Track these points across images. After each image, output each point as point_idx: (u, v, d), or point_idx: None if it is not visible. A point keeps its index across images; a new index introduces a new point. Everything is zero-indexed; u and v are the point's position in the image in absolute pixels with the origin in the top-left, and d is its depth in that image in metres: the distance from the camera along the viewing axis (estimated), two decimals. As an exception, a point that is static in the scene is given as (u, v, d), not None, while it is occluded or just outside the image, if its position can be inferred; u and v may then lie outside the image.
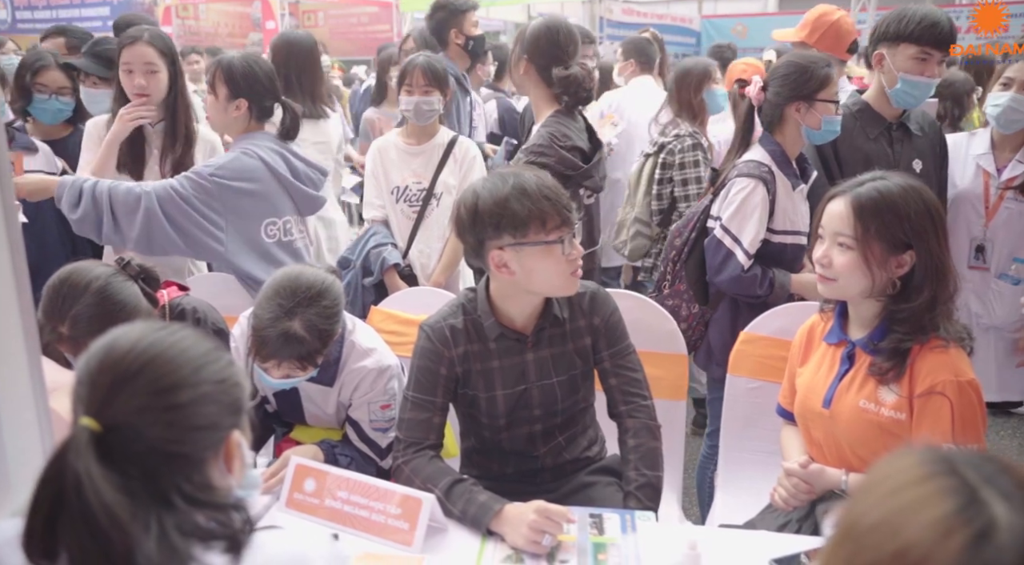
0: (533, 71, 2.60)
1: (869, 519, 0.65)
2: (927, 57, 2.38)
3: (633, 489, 1.80)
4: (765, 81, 2.33)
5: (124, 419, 0.88)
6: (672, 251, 2.44)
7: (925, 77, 2.39)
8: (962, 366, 1.60)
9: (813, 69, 2.25)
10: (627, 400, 1.89)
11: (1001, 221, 2.59)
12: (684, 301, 2.42)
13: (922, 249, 1.59)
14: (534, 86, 2.63)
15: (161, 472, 0.89)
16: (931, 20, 2.37)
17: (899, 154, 2.46)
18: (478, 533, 1.62)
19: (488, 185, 1.70)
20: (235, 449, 0.98)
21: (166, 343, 0.93)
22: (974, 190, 2.60)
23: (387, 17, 12.00)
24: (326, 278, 1.81)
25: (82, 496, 0.83)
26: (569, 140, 2.51)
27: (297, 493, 1.69)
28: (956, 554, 0.58)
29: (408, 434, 1.79)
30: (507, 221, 1.65)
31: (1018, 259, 2.61)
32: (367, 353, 1.96)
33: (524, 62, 2.61)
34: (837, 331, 1.77)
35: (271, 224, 2.53)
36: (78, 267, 1.78)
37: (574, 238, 1.71)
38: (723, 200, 2.30)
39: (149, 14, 10.45)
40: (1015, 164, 2.56)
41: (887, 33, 2.44)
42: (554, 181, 1.73)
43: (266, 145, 2.53)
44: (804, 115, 2.26)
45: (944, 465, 0.65)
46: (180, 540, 0.87)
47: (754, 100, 2.33)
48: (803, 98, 2.25)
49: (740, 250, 2.24)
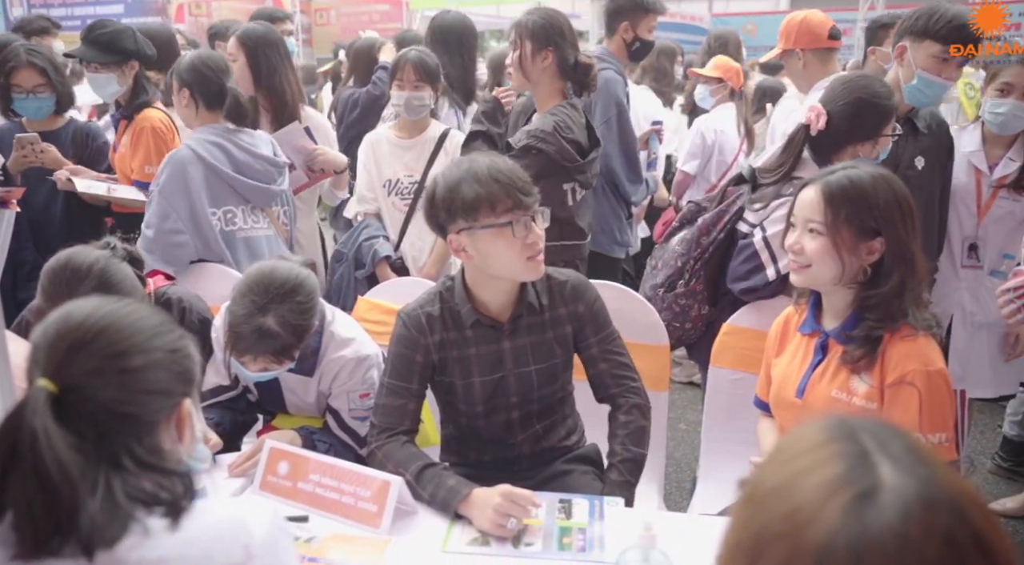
0: (556, 61, 2.56)
1: (767, 484, 0.65)
2: (949, 58, 2.33)
3: (616, 462, 1.82)
4: (828, 111, 2.14)
5: (79, 380, 0.92)
6: (697, 249, 2.33)
7: (943, 78, 2.35)
8: (931, 355, 1.60)
9: (883, 106, 2.12)
10: (618, 382, 1.90)
11: (993, 219, 2.56)
12: (697, 302, 2.36)
13: (891, 235, 1.60)
14: (550, 78, 2.59)
15: (113, 432, 0.93)
16: (960, 21, 2.32)
17: (902, 149, 2.42)
18: (446, 517, 1.63)
19: (446, 172, 1.74)
20: (186, 417, 1.02)
21: (121, 313, 0.99)
22: (966, 188, 2.57)
23: (398, 15, 12.03)
24: (300, 272, 1.83)
25: (37, 451, 0.87)
26: (572, 132, 2.51)
27: (271, 476, 1.71)
28: (839, 512, 0.59)
29: (382, 419, 1.81)
30: (458, 205, 1.68)
31: (1008, 255, 2.59)
32: (346, 343, 1.97)
33: (550, 52, 2.55)
34: (811, 322, 1.77)
35: (212, 213, 2.63)
36: (76, 252, 1.83)
37: (532, 222, 1.71)
38: (772, 214, 2.17)
39: (162, 12, 10.56)
40: (1007, 161, 2.53)
41: (915, 27, 2.37)
42: (510, 164, 1.74)
43: (207, 137, 2.64)
44: (867, 151, 2.15)
45: (842, 431, 0.65)
46: (125, 502, 0.90)
47: (813, 129, 2.15)
48: (870, 138, 2.13)
49: (773, 267, 2.17)
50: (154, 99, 3.13)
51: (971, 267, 2.59)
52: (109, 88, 3.07)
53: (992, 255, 2.59)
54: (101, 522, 0.87)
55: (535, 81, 2.61)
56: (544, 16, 2.59)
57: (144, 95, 3.09)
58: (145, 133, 3.00)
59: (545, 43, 2.56)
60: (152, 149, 2.99)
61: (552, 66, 2.57)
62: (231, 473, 1.78)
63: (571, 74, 2.58)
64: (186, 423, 1.02)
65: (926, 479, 0.60)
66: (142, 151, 3.00)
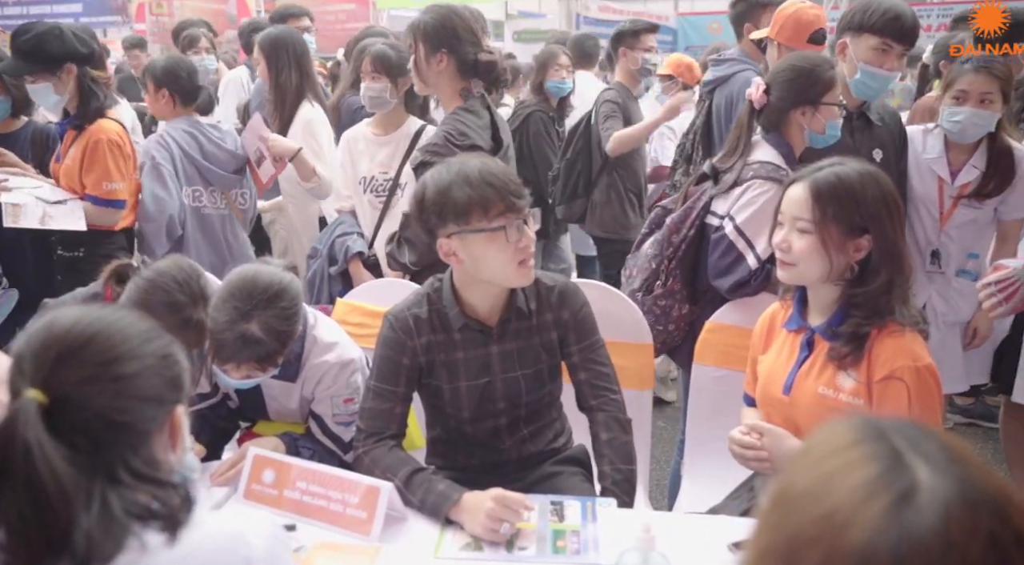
0: (452, 63, 2.43)
1: (798, 486, 0.64)
2: (888, 49, 2.38)
3: (609, 485, 1.80)
4: (767, 84, 2.25)
5: (70, 390, 0.89)
6: (669, 248, 2.33)
7: (885, 69, 2.39)
8: (919, 351, 1.61)
9: (818, 72, 2.19)
10: (597, 394, 1.88)
11: (955, 225, 2.58)
12: (677, 301, 2.35)
13: (878, 233, 1.60)
14: (449, 80, 2.46)
15: (107, 443, 0.89)
16: (895, 13, 2.37)
17: (859, 143, 2.46)
18: (437, 522, 1.61)
19: (434, 174, 1.70)
20: (179, 426, 0.99)
21: (109, 319, 0.95)
22: (929, 195, 2.59)
23: (364, 14, 11.94)
24: (283, 277, 1.78)
25: (31, 465, 0.83)
26: (467, 138, 2.38)
27: (255, 484, 1.68)
28: (879, 516, 0.58)
29: (369, 424, 1.78)
30: (449, 208, 1.65)
31: (973, 255, 2.62)
32: (329, 348, 1.94)
33: (444, 54, 2.42)
34: (797, 318, 1.77)
35: (183, 191, 3.10)
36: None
37: (524, 225, 1.69)
38: (737, 201, 2.20)
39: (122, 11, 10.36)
40: (969, 168, 2.53)
41: (852, 23, 2.44)
42: (502, 167, 1.72)
43: (182, 127, 3.13)
44: (809, 120, 2.21)
45: (872, 431, 0.65)
46: (122, 516, 0.86)
47: (756, 103, 2.25)
48: (809, 102, 2.20)
49: (752, 254, 2.17)
50: (108, 105, 2.93)
51: (934, 273, 2.62)
52: (49, 99, 2.82)
53: (956, 258, 2.62)
54: (96, 538, 0.83)
55: (433, 84, 2.49)
56: (437, 16, 2.44)
57: (95, 101, 2.86)
58: (100, 147, 2.84)
59: (438, 45, 2.42)
60: (111, 165, 2.86)
61: (449, 68, 2.44)
62: (214, 482, 1.74)
63: (475, 73, 2.46)
64: (179, 432, 0.98)
65: (964, 479, 0.59)
66: (99, 167, 2.84)
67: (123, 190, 2.92)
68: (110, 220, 2.94)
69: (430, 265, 2.44)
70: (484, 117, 2.46)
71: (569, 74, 4.13)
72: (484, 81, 2.48)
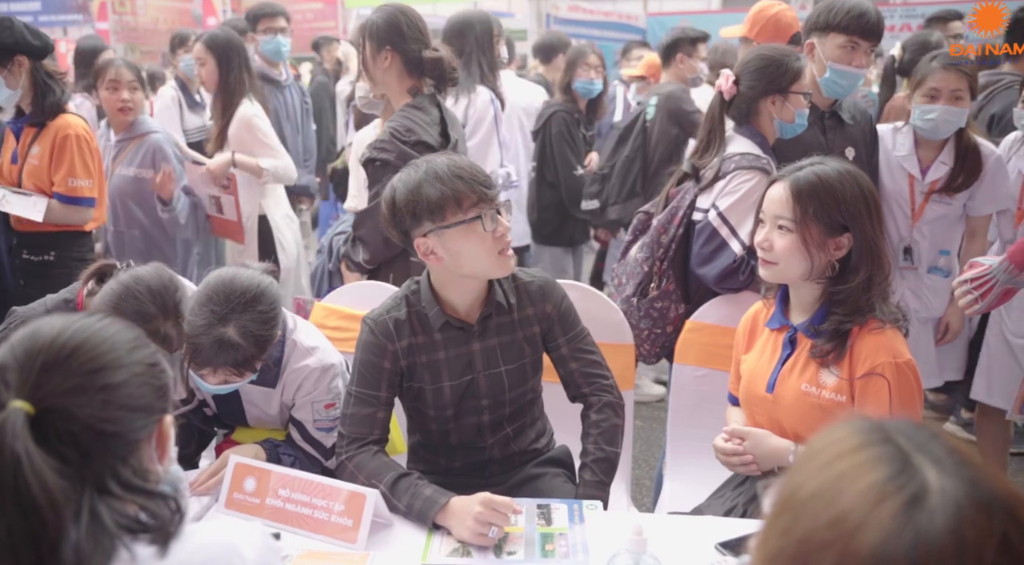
0: (399, 61, 2.47)
1: (806, 490, 0.64)
2: (855, 46, 2.41)
3: (590, 462, 1.81)
4: (737, 74, 2.30)
5: (57, 400, 0.86)
6: (660, 249, 2.33)
7: (853, 66, 2.42)
8: (899, 347, 1.63)
9: (787, 62, 2.25)
10: (590, 381, 1.89)
11: (927, 221, 2.62)
12: (673, 302, 2.35)
13: (858, 231, 1.62)
14: (397, 78, 2.50)
15: (97, 453, 0.87)
16: (859, 10, 2.41)
17: (832, 142, 2.49)
18: (424, 527, 1.59)
19: (403, 176, 1.70)
20: (167, 435, 0.97)
21: (94, 327, 0.92)
22: (900, 193, 2.63)
23: (332, 13, 11.80)
24: (262, 281, 1.76)
25: (19, 477, 0.80)
26: (413, 134, 2.42)
27: (237, 493, 1.64)
28: (890, 518, 0.58)
29: (351, 430, 1.76)
30: (423, 207, 1.65)
31: (944, 251, 2.66)
32: (309, 352, 1.91)
33: (388, 53, 2.46)
34: (779, 316, 1.79)
35: None
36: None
37: (499, 214, 1.69)
38: (720, 192, 2.23)
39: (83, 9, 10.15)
40: (938, 165, 2.58)
41: (817, 23, 2.47)
42: (468, 160, 1.73)
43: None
44: (779, 108, 2.25)
45: (878, 434, 0.65)
46: (112, 528, 0.84)
47: (726, 94, 2.29)
48: (778, 91, 2.24)
49: (736, 240, 2.18)
50: (65, 100, 2.85)
51: (907, 269, 2.66)
52: (1, 93, 2.73)
53: (928, 254, 2.66)
54: (86, 551, 0.81)
55: (380, 82, 2.53)
56: (383, 15, 2.49)
57: (52, 95, 2.78)
58: (69, 142, 2.78)
59: (383, 43, 2.47)
60: (77, 161, 2.80)
61: (396, 66, 2.48)
62: (194, 491, 1.70)
63: (422, 71, 2.50)
64: (167, 441, 0.96)
65: (972, 480, 0.59)
66: (66, 163, 2.78)
67: (89, 188, 2.86)
68: (79, 219, 2.88)
69: (387, 262, 2.49)
70: (432, 114, 2.50)
71: (599, 74, 3.98)
72: (434, 79, 2.51)
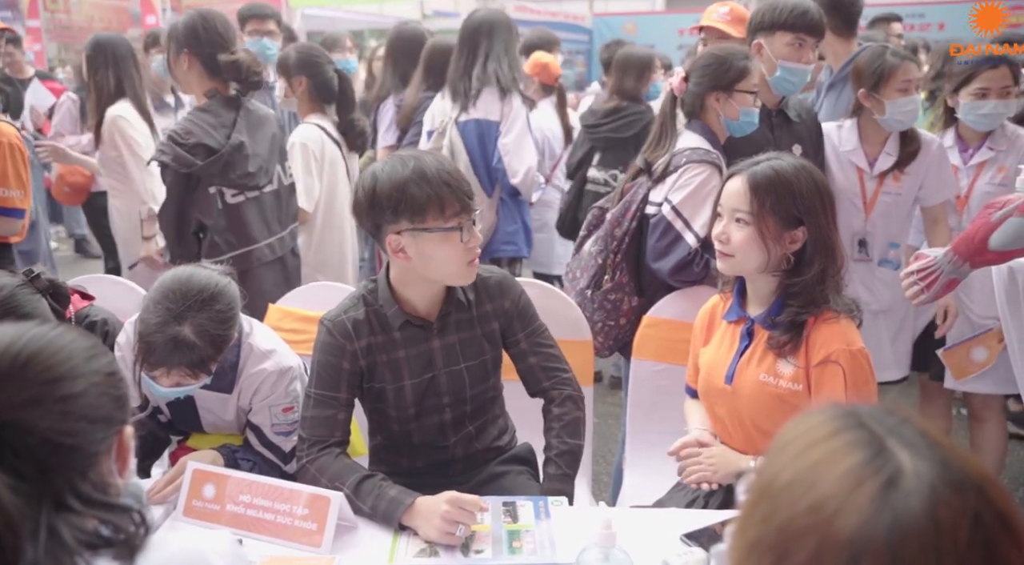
0: (197, 63, 2.59)
1: (783, 478, 0.65)
2: (802, 43, 2.48)
3: (553, 455, 1.81)
4: (687, 71, 2.36)
5: (13, 414, 0.82)
6: (613, 242, 2.37)
7: (802, 63, 2.49)
8: (852, 336, 1.68)
9: (732, 60, 2.30)
10: (550, 375, 1.90)
11: (879, 213, 2.70)
12: (626, 294, 2.38)
13: (812, 224, 1.66)
14: (198, 81, 2.62)
15: (55, 468, 0.83)
16: (802, 8, 2.49)
17: (780, 139, 2.55)
18: (390, 528, 1.57)
19: (387, 168, 1.66)
20: (127, 445, 0.93)
21: (49, 336, 0.89)
22: (851, 187, 2.70)
23: (276, 12, 11.64)
24: (220, 281, 1.72)
25: None
26: (192, 136, 2.48)
27: (196, 500, 1.61)
28: (868, 502, 0.59)
29: (312, 432, 1.73)
30: (405, 205, 1.62)
31: (894, 245, 2.74)
32: (266, 355, 1.87)
33: (186, 56, 2.59)
34: (736, 309, 1.82)
35: None
36: None
37: (474, 225, 1.69)
38: (672, 186, 2.26)
39: (13, 6, 9.79)
40: (885, 156, 2.66)
41: (763, 23, 2.53)
42: (455, 166, 1.72)
43: None
44: (723, 105, 2.30)
45: (851, 420, 0.66)
46: (72, 545, 0.81)
47: (676, 90, 2.36)
48: (722, 88, 2.29)
49: (690, 233, 2.22)
50: None
51: (861, 261, 2.72)
52: None
53: (880, 247, 2.74)
54: None
55: (184, 83, 2.68)
56: (184, 19, 2.62)
57: None
58: (1, 150, 2.71)
59: (181, 47, 2.59)
60: (10, 170, 2.72)
61: (194, 68, 2.60)
62: (151, 500, 1.65)
63: (220, 74, 2.59)
64: (127, 453, 0.93)
65: (945, 462, 0.61)
66: None
67: (21, 199, 2.77)
68: (8, 230, 2.78)
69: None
70: (222, 116, 2.59)
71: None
72: (235, 82, 2.61)
